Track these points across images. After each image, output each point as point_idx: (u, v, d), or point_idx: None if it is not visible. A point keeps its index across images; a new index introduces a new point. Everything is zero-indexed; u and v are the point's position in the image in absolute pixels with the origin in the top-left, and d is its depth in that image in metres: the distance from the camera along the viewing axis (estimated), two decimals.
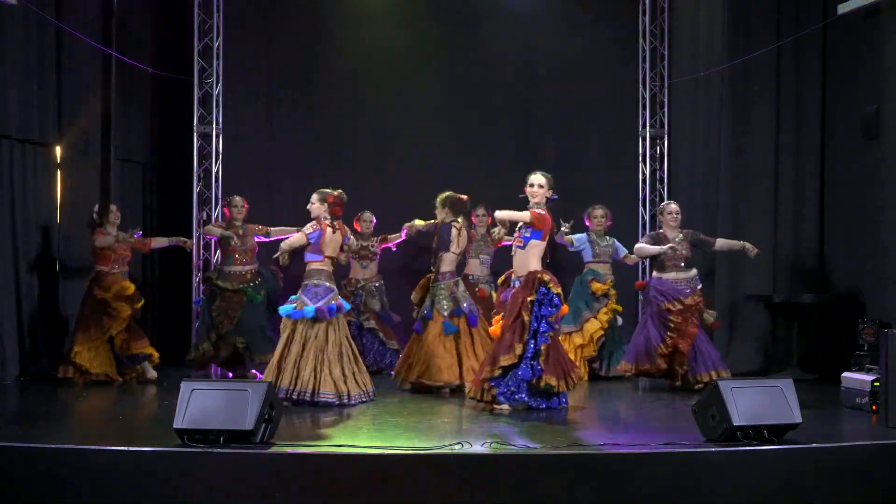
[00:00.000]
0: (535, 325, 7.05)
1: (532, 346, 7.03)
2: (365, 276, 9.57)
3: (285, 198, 10.19)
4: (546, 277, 7.08)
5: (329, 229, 7.49)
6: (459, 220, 8.33)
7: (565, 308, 7.37)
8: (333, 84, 10.80)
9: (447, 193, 8.36)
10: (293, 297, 7.54)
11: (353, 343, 7.68)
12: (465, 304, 8.26)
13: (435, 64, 10.87)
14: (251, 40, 10.81)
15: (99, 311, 8.64)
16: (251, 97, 10.77)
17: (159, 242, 9.39)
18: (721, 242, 8.77)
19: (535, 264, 7.16)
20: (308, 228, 7.50)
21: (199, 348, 9.20)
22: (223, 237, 9.18)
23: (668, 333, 8.34)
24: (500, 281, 7.60)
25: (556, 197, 7.29)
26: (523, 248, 7.21)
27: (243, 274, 9.16)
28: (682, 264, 8.50)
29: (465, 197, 8.37)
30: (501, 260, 9.18)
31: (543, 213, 7.16)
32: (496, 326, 7.25)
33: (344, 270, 9.45)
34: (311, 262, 7.52)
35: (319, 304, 7.34)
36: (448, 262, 8.30)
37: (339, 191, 7.61)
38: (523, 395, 7.10)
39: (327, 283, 7.48)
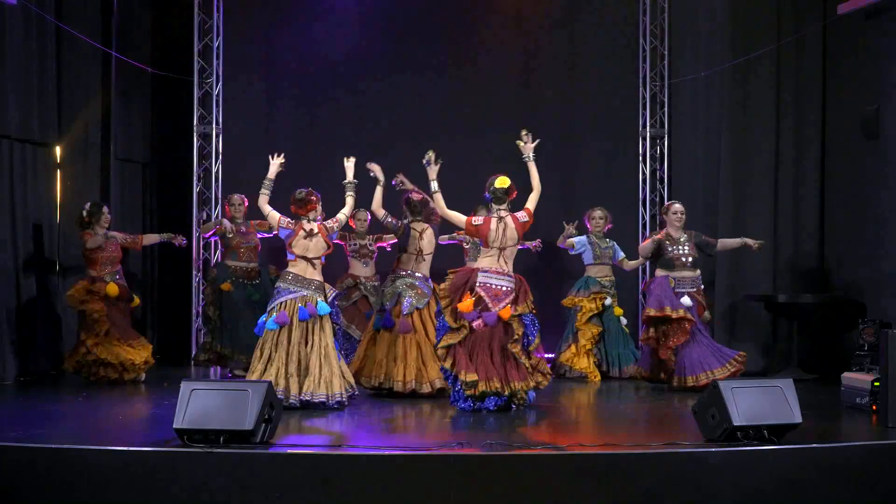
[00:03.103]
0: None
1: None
2: (366, 273, 9.55)
3: (285, 198, 10.16)
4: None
5: (302, 232, 7.36)
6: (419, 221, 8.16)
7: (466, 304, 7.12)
8: (333, 84, 10.80)
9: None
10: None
11: (328, 345, 7.34)
12: (404, 305, 8.01)
13: (435, 64, 10.88)
14: (251, 40, 10.82)
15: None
16: (251, 97, 10.78)
17: (151, 239, 9.35)
18: (721, 243, 8.76)
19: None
20: (283, 222, 7.38)
21: (208, 348, 9.22)
22: (220, 227, 9.19)
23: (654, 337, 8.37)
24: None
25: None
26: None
27: (248, 270, 9.19)
28: (690, 262, 8.49)
29: (417, 195, 8.17)
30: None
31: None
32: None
33: (343, 267, 9.45)
34: (289, 260, 7.42)
35: (274, 316, 7.20)
36: (407, 262, 8.15)
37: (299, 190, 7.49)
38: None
39: (284, 285, 7.29)
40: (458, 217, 7.32)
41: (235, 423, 5.34)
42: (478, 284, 7.08)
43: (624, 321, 9.57)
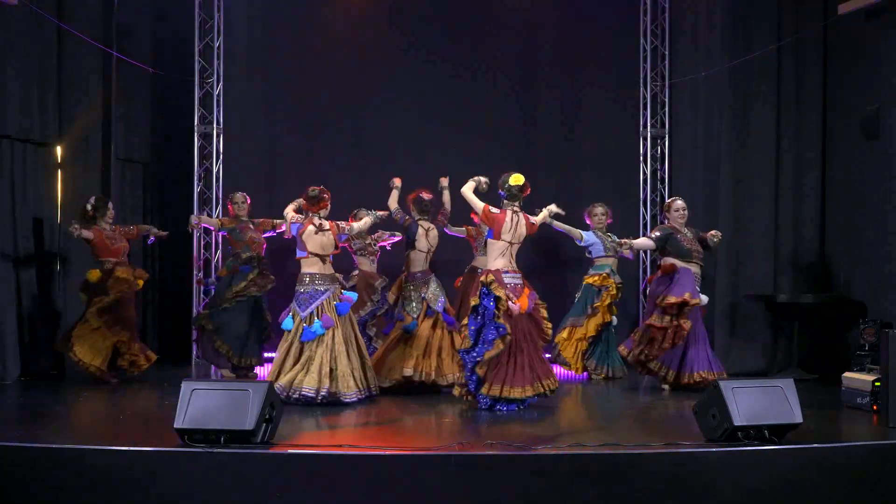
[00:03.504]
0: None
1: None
2: (371, 271, 9.54)
3: (286, 197, 10.11)
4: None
5: (311, 227, 7.43)
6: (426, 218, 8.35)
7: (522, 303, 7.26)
8: (334, 84, 10.80)
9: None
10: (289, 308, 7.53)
11: (358, 337, 7.65)
12: (437, 305, 8.19)
13: (435, 63, 10.87)
14: (251, 40, 10.81)
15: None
16: (251, 97, 10.78)
17: (142, 230, 9.38)
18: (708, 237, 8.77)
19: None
20: (295, 218, 7.48)
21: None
22: (224, 227, 9.27)
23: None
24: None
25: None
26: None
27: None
28: (701, 257, 8.49)
29: (428, 195, 8.37)
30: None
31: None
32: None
33: (347, 265, 9.44)
34: (300, 259, 7.50)
35: (317, 320, 7.30)
36: (417, 261, 8.29)
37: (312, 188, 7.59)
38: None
39: (312, 288, 7.40)
40: (477, 202, 7.38)
41: (236, 423, 5.34)
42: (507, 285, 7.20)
43: (615, 321, 9.53)
